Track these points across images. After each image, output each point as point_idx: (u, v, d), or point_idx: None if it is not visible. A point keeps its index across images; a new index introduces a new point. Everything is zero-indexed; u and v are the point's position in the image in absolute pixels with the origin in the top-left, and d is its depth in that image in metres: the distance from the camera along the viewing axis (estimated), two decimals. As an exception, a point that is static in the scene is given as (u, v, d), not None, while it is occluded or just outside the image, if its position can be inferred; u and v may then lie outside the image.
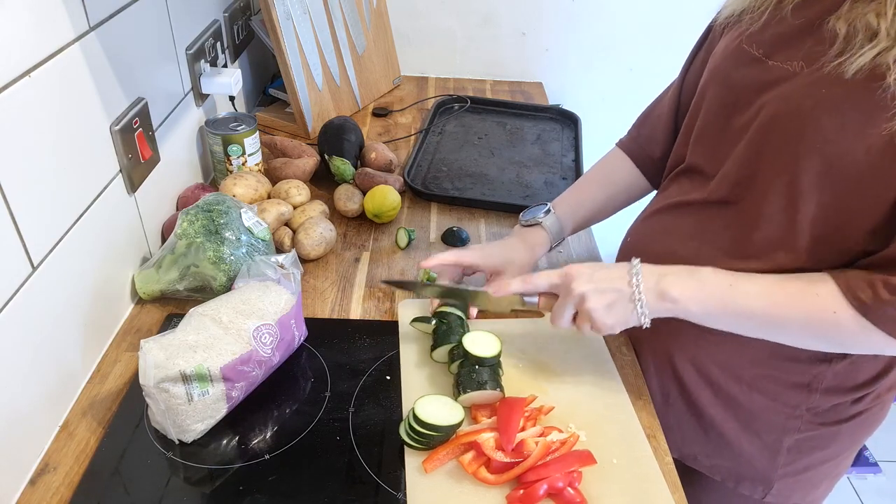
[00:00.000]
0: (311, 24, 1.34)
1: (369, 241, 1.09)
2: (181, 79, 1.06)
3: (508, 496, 0.68)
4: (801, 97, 0.66)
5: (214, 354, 0.70)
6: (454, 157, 1.35)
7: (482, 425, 0.74)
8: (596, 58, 1.76)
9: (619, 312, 0.72)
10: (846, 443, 0.85)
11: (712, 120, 0.78)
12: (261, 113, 1.45)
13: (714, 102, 0.78)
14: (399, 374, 0.83)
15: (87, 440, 0.73)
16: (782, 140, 0.68)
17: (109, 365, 0.83)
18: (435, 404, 0.72)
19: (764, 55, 0.71)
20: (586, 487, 0.69)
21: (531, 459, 0.68)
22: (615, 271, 0.74)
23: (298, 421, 0.76)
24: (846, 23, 0.63)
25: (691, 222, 0.80)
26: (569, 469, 0.68)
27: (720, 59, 0.78)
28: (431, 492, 0.68)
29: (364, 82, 1.54)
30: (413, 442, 0.71)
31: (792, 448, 0.83)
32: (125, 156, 0.85)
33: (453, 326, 0.83)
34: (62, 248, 0.73)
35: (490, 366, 0.77)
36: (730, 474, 0.88)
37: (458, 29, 1.70)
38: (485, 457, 0.69)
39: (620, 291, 0.72)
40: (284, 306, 0.79)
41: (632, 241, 0.91)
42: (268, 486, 0.69)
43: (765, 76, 0.70)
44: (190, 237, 0.86)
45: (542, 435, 0.72)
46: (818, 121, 0.64)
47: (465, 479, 0.69)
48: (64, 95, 0.72)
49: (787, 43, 0.69)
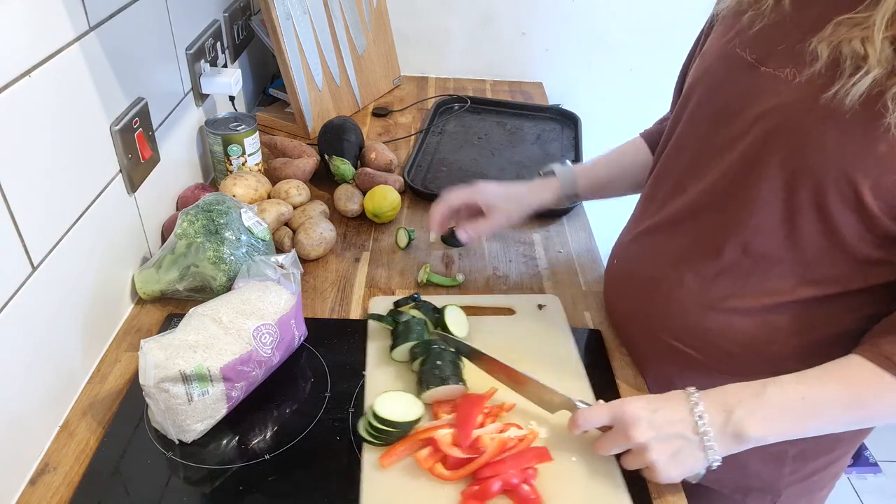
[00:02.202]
0: (311, 24, 1.34)
1: (369, 241, 1.09)
2: (181, 79, 1.06)
3: (463, 492, 0.67)
4: (801, 113, 0.63)
5: (214, 354, 0.70)
6: (454, 157, 1.35)
7: (441, 421, 0.74)
8: (596, 58, 1.76)
9: (685, 462, 0.65)
10: (848, 444, 0.85)
11: (698, 127, 0.76)
12: (261, 113, 1.45)
13: (702, 109, 0.75)
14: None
15: (87, 440, 0.73)
16: (780, 155, 0.65)
17: (109, 365, 0.83)
18: (395, 401, 0.72)
19: (756, 61, 0.68)
20: (543, 484, 0.69)
21: (486, 456, 0.68)
22: (677, 411, 0.65)
23: (298, 421, 0.76)
24: (828, 47, 0.60)
25: (676, 241, 0.78)
26: (524, 466, 0.68)
27: (711, 62, 0.75)
28: (386, 487, 0.68)
29: (364, 82, 1.54)
30: (371, 438, 0.72)
31: (797, 456, 0.82)
32: (125, 156, 0.85)
33: (411, 325, 0.82)
34: (62, 248, 0.73)
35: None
36: (737, 487, 0.86)
37: (458, 29, 1.70)
38: (441, 453, 0.69)
39: (687, 439, 0.64)
40: (284, 306, 0.79)
41: (618, 263, 0.90)
42: (268, 486, 0.69)
43: (757, 84, 0.67)
44: (190, 237, 0.86)
45: (501, 432, 0.72)
46: (821, 139, 0.61)
47: (422, 475, 0.69)
48: (64, 95, 0.72)
49: (779, 49, 0.66)
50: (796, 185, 0.64)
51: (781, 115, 0.65)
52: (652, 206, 0.84)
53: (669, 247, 0.79)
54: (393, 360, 0.83)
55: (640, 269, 0.84)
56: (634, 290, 0.85)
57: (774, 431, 0.64)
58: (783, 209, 0.66)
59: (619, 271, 0.90)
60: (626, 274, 0.88)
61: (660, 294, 0.80)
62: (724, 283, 0.73)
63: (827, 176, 0.62)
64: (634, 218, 0.89)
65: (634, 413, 0.65)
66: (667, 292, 0.79)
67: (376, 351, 0.85)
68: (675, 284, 0.78)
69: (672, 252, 0.79)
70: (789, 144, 0.64)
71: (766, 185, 0.67)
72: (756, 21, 0.69)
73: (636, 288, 0.85)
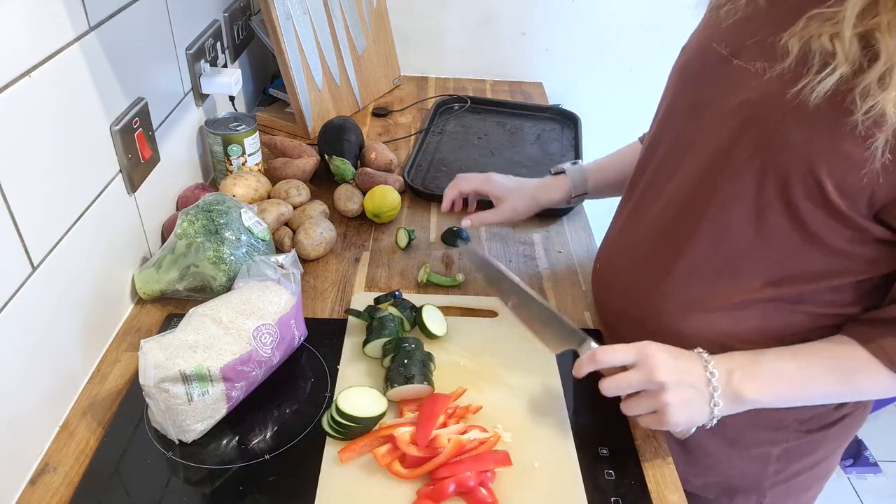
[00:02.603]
0: (311, 24, 1.34)
1: (369, 241, 1.09)
2: (181, 79, 1.06)
3: (419, 491, 0.67)
4: (770, 108, 0.62)
5: (214, 354, 0.70)
6: (454, 157, 1.35)
7: (404, 419, 0.74)
8: (596, 58, 1.76)
9: (692, 412, 0.67)
10: (832, 445, 0.85)
11: (674, 121, 0.76)
12: (261, 113, 1.45)
13: (678, 102, 0.75)
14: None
15: (87, 440, 0.73)
16: (748, 150, 0.65)
17: (109, 365, 0.83)
18: (359, 396, 0.73)
19: (730, 54, 0.68)
20: (501, 488, 0.68)
21: (442, 456, 0.68)
22: (694, 365, 0.67)
23: (298, 421, 0.76)
24: (799, 41, 0.59)
25: (650, 241, 0.78)
26: (482, 468, 0.68)
27: (690, 56, 0.75)
28: (344, 482, 0.68)
29: (364, 82, 1.54)
30: (333, 432, 0.72)
31: (781, 456, 0.82)
32: (125, 156, 0.85)
33: (385, 322, 0.83)
34: (62, 247, 0.73)
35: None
36: (722, 491, 0.87)
37: (458, 29, 1.70)
38: (400, 451, 0.69)
39: (698, 391, 0.66)
40: (284, 306, 0.79)
41: (601, 268, 0.90)
42: (268, 486, 0.69)
43: (729, 77, 0.67)
44: (190, 237, 0.86)
45: (463, 433, 0.72)
46: (787, 135, 0.61)
47: (380, 471, 0.69)
48: (64, 95, 0.72)
49: (751, 43, 0.66)
50: (764, 181, 0.64)
51: (750, 109, 0.64)
52: (628, 204, 0.84)
53: (643, 247, 0.79)
54: (366, 356, 0.83)
55: (620, 272, 0.84)
56: (617, 293, 0.86)
57: (768, 395, 0.68)
58: (752, 205, 0.66)
59: (602, 275, 0.90)
60: (610, 278, 0.88)
61: (638, 296, 0.80)
62: (697, 284, 0.73)
63: (793, 172, 0.62)
64: (614, 218, 0.89)
65: (660, 355, 0.67)
66: (644, 295, 0.79)
67: (351, 346, 0.86)
68: (651, 287, 0.78)
69: (646, 253, 0.79)
70: (757, 139, 0.64)
71: (735, 181, 0.67)
72: (731, 14, 0.69)
73: (618, 290, 0.85)
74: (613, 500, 0.69)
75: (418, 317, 0.86)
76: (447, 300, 0.95)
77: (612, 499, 0.69)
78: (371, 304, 0.88)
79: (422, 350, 0.80)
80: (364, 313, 0.86)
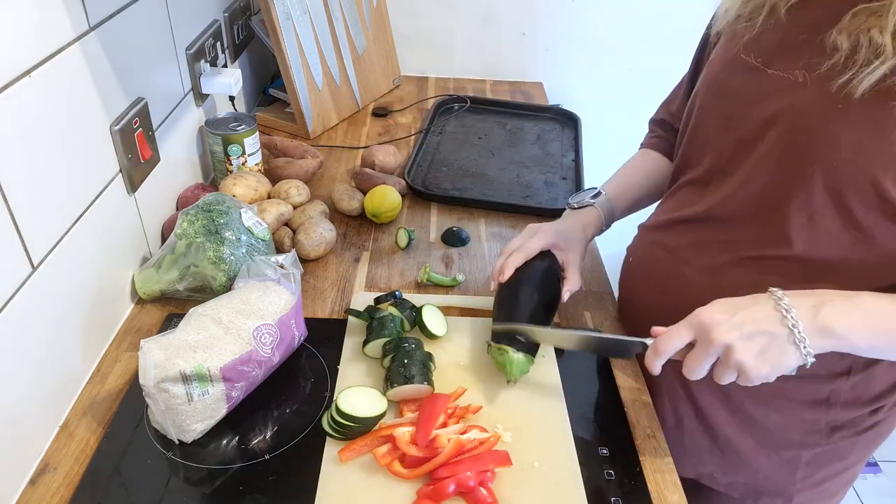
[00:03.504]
0: (311, 24, 1.34)
1: (369, 241, 1.09)
2: (181, 79, 1.06)
3: (419, 491, 0.68)
4: (815, 112, 0.63)
5: (214, 354, 0.70)
6: (454, 158, 1.35)
7: (404, 419, 0.74)
8: (596, 58, 1.76)
9: (774, 358, 0.62)
10: (862, 451, 0.84)
11: (711, 132, 0.76)
12: (261, 113, 1.45)
13: (711, 114, 0.76)
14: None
15: (87, 440, 0.73)
16: (797, 156, 0.65)
17: (109, 365, 0.83)
18: (359, 396, 0.73)
19: (763, 64, 0.68)
20: (501, 488, 0.68)
21: (442, 456, 0.68)
22: (759, 310, 0.63)
23: (298, 421, 0.76)
24: (848, 36, 0.60)
25: (696, 239, 0.78)
26: (482, 468, 0.68)
27: (717, 69, 0.76)
28: (343, 482, 0.68)
29: (364, 82, 1.54)
30: (333, 432, 0.72)
31: (811, 462, 0.82)
32: (125, 156, 0.85)
33: (385, 322, 0.83)
34: (62, 247, 0.73)
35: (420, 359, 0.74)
36: (748, 491, 0.86)
37: (458, 29, 1.70)
38: (399, 450, 0.69)
39: (773, 335, 0.62)
40: (284, 306, 0.79)
41: (634, 261, 0.90)
42: (268, 486, 0.69)
43: (765, 86, 0.68)
44: (190, 237, 0.86)
45: (463, 433, 0.72)
46: (836, 139, 0.61)
47: (380, 471, 0.69)
48: (64, 95, 0.72)
49: (785, 50, 0.67)
50: (812, 186, 0.64)
51: (793, 117, 0.65)
52: (671, 204, 0.84)
53: (690, 241, 0.79)
54: (366, 356, 0.83)
55: (659, 266, 0.83)
56: (651, 286, 0.85)
57: (861, 334, 0.62)
58: (803, 210, 0.66)
59: (634, 266, 0.90)
60: (645, 270, 0.87)
61: (676, 288, 0.80)
62: (746, 282, 0.72)
63: (844, 174, 0.62)
64: (653, 216, 0.89)
65: (712, 317, 0.63)
66: (682, 288, 0.79)
67: (351, 346, 0.86)
68: (697, 275, 0.77)
69: (692, 247, 0.79)
70: (803, 145, 0.64)
71: (785, 186, 0.67)
72: (751, 30, 0.70)
73: (656, 282, 0.84)
74: (613, 500, 0.69)
75: (418, 317, 0.86)
76: (447, 300, 0.95)
77: (612, 499, 0.69)
78: (371, 305, 0.88)
79: (422, 350, 0.80)
80: (364, 313, 0.86)
